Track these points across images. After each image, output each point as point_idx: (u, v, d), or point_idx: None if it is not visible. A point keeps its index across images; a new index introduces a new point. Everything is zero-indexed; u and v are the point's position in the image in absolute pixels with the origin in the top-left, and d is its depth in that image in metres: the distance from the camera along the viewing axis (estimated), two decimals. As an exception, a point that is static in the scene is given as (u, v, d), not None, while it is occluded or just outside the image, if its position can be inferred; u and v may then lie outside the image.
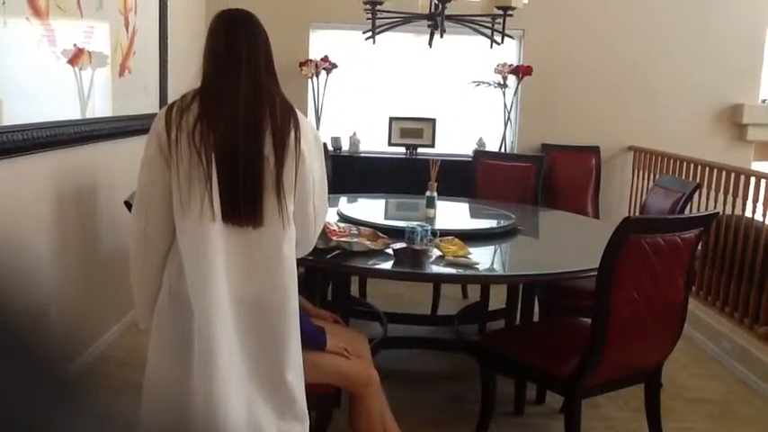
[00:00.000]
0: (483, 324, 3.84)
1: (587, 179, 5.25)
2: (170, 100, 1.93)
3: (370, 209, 3.75)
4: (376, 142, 5.23)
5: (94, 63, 3.22)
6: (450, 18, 3.12)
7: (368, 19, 3.23)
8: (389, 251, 2.63)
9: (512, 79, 5.11)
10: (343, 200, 3.84)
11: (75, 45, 3.02)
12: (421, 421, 2.93)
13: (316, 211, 1.91)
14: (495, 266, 2.81)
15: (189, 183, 1.75)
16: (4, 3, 2.45)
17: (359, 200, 3.94)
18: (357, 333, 2.58)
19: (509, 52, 5.24)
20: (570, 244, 3.21)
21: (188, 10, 4.64)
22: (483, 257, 2.74)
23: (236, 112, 1.76)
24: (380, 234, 2.73)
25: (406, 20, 3.23)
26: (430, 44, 3.46)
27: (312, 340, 2.20)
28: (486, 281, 3.25)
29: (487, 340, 2.86)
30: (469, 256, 2.64)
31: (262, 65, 1.81)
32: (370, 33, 3.24)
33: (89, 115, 3.19)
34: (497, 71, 5.04)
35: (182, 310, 1.79)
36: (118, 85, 3.51)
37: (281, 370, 1.85)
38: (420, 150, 5.14)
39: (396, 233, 2.71)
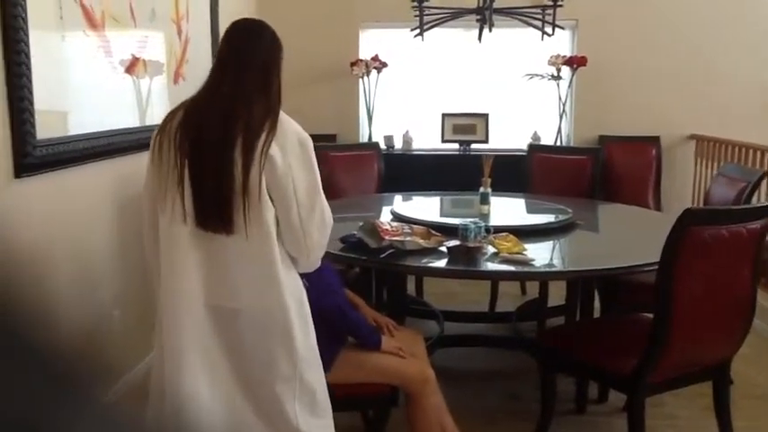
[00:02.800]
0: (542, 321, 3.78)
1: (647, 170, 5.09)
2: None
3: (424, 207, 3.73)
4: (429, 139, 5.20)
5: (151, 71, 3.30)
6: (499, 11, 3.08)
7: (415, 16, 3.21)
8: (443, 249, 2.61)
9: (566, 70, 5.00)
10: (397, 198, 3.84)
11: (132, 55, 3.10)
12: (479, 420, 2.89)
13: (302, 223, 1.79)
14: (551, 262, 2.75)
15: (166, 185, 1.78)
16: (62, 17, 2.54)
17: (413, 198, 3.93)
18: (413, 332, 2.57)
19: (562, 43, 5.14)
20: (630, 237, 3.13)
21: (239, 16, 4.71)
22: (539, 253, 2.70)
23: (209, 115, 1.77)
24: (434, 232, 2.71)
25: (454, 15, 3.20)
26: (479, 39, 3.43)
27: (367, 340, 2.20)
28: (542, 277, 3.19)
29: (545, 338, 2.81)
30: (525, 252, 2.59)
31: (253, 72, 1.81)
32: (418, 30, 3.22)
33: (148, 122, 3.27)
34: (551, 63, 4.95)
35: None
36: (173, 92, 3.58)
37: (269, 381, 1.83)
38: (473, 146, 5.09)
39: (449, 231, 2.69)
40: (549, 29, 3.17)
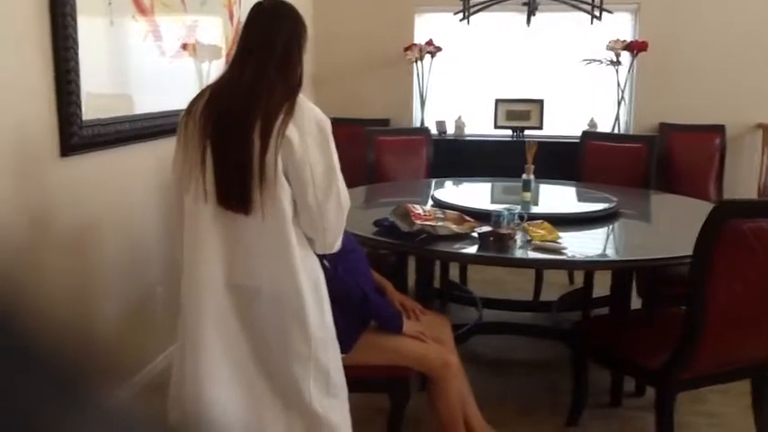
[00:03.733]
0: (587, 311, 3.71)
1: (710, 161, 4.89)
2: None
3: (467, 192, 3.71)
4: (482, 125, 5.15)
5: (209, 54, 3.42)
6: (545, -5, 3.01)
7: (461, 0, 3.18)
8: (475, 235, 2.60)
9: (625, 56, 4.85)
10: (448, 183, 3.83)
11: (184, 39, 3.21)
12: (510, 409, 2.88)
13: (319, 206, 1.81)
14: (585, 251, 2.68)
15: (190, 165, 1.83)
16: (110, 3, 2.64)
17: (459, 184, 3.91)
18: (440, 317, 2.57)
19: (623, 28, 4.98)
20: (675, 229, 3.02)
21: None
22: (575, 242, 2.65)
23: (231, 98, 1.81)
24: (467, 218, 2.69)
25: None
26: (528, 22, 3.37)
27: (389, 323, 2.22)
28: (571, 266, 3.12)
29: (579, 328, 2.76)
30: (559, 240, 2.56)
31: (274, 55, 1.82)
32: (463, 15, 3.19)
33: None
34: (609, 48, 4.80)
35: None
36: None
37: (286, 360, 1.86)
38: (527, 132, 5.01)
39: (484, 217, 2.67)
40: (599, 13, 3.08)
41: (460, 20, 3.25)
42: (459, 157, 4.82)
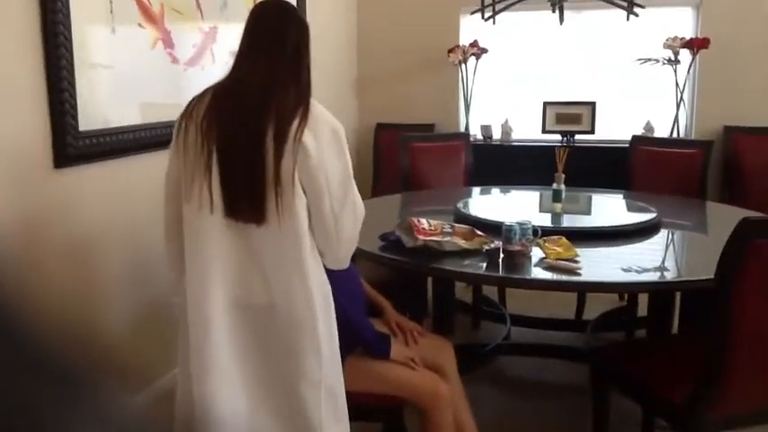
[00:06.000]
0: (631, 331, 3.43)
1: (782, 166, 4.47)
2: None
3: (494, 203, 3.51)
4: (529, 130, 4.89)
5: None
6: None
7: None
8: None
9: (685, 54, 4.49)
10: (474, 192, 3.64)
11: (198, 46, 3.14)
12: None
13: (335, 217, 1.70)
14: (602, 270, 2.44)
15: (192, 172, 1.70)
16: (112, 11, 2.59)
17: (491, 193, 3.71)
18: (441, 341, 2.38)
19: (684, 24, 4.62)
20: (713, 246, 2.72)
21: (331, 3, 4.67)
22: (595, 260, 2.42)
23: (240, 101, 1.68)
24: (478, 232, 2.50)
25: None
26: (561, 21, 3.14)
27: (373, 347, 2.06)
28: (579, 288, 2.83)
29: (600, 352, 2.51)
30: (577, 258, 2.33)
31: (285, 54, 1.70)
32: (485, 14, 2.99)
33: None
34: (666, 46, 4.46)
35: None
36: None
37: (294, 381, 1.73)
38: (578, 137, 4.72)
39: (498, 230, 2.46)
40: (632, 6, 2.82)
41: (485, 19, 3.06)
42: (504, 163, 4.59)
